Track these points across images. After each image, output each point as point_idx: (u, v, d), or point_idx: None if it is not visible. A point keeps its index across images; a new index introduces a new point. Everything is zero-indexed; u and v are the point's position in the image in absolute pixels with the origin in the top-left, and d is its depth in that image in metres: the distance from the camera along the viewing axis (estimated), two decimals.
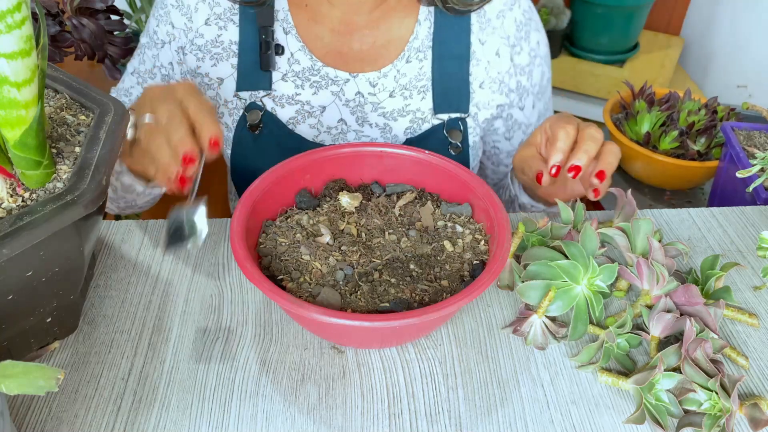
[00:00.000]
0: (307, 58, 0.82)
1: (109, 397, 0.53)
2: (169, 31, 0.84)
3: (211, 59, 0.84)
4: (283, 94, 0.83)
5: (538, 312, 0.57)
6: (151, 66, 0.87)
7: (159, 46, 0.86)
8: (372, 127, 0.85)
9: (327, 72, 0.82)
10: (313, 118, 0.84)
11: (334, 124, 0.85)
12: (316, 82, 0.83)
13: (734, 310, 0.61)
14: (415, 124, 0.84)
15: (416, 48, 0.82)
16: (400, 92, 0.83)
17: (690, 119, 1.27)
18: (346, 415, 0.52)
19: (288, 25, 0.82)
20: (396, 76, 0.83)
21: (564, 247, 0.59)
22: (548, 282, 0.57)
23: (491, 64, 0.84)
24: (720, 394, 0.51)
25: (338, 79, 0.83)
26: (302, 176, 0.64)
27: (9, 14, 0.41)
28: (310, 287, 0.54)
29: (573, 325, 0.57)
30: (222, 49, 0.84)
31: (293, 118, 0.84)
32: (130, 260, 0.65)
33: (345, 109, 0.84)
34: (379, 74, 0.83)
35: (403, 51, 0.82)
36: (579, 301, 0.57)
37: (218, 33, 0.83)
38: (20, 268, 0.45)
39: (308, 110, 0.84)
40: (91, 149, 0.50)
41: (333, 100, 0.83)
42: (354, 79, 0.83)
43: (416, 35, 0.82)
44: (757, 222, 0.74)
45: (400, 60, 0.82)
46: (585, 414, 0.53)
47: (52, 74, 0.57)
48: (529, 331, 0.58)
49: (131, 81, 0.89)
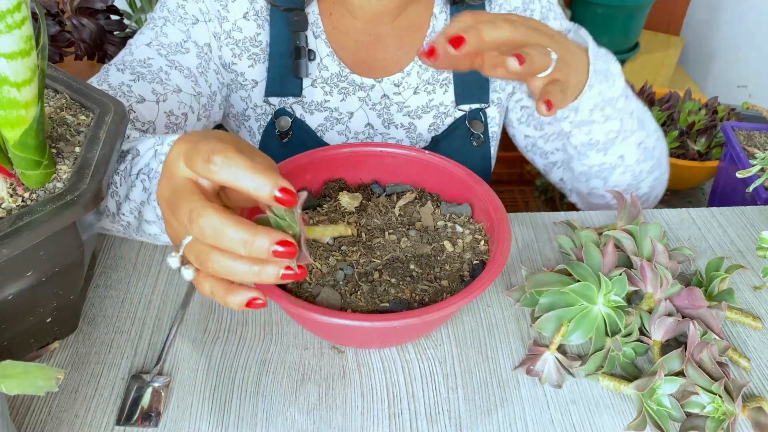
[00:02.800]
0: (335, 64, 0.81)
1: (109, 397, 0.53)
2: (202, 9, 0.77)
3: (249, 59, 0.80)
4: (313, 100, 0.82)
5: (551, 348, 0.55)
6: (180, 40, 0.76)
7: (189, 21, 0.77)
8: (398, 128, 0.85)
9: (354, 79, 0.82)
10: (341, 125, 0.84)
11: (361, 129, 0.84)
12: (344, 88, 0.82)
13: (737, 313, 0.61)
14: (438, 120, 0.85)
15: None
16: (424, 88, 0.84)
17: (690, 119, 1.27)
18: (346, 415, 0.52)
19: (318, 29, 0.81)
20: (419, 72, 0.83)
21: (569, 269, 0.58)
22: (566, 310, 0.56)
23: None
24: (723, 397, 0.51)
25: (364, 85, 0.83)
26: (302, 176, 0.64)
27: (9, 14, 0.41)
28: (310, 287, 0.54)
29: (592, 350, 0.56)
30: (260, 50, 0.80)
31: (322, 125, 0.83)
32: (130, 260, 0.65)
33: (372, 113, 0.84)
34: (402, 74, 0.83)
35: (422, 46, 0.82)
36: (599, 324, 0.56)
37: (257, 31, 0.80)
38: (20, 268, 0.45)
39: (337, 117, 0.83)
40: (91, 149, 0.50)
41: (360, 106, 0.83)
42: (379, 84, 0.83)
43: (433, 29, 0.83)
44: (757, 222, 0.74)
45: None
46: (585, 414, 0.53)
47: (52, 74, 0.57)
48: (543, 370, 0.55)
49: (148, 53, 0.75)
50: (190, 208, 0.40)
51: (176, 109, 0.75)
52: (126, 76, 0.72)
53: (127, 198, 0.57)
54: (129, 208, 0.58)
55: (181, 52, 0.77)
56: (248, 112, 0.84)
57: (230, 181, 0.40)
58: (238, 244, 0.39)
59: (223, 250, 0.40)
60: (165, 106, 0.73)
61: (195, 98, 0.77)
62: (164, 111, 0.73)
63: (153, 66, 0.74)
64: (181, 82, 0.75)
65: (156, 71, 0.74)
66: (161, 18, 0.78)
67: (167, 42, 0.76)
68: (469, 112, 0.86)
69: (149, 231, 0.58)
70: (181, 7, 0.77)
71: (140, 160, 0.58)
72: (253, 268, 0.40)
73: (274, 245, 0.39)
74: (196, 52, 0.78)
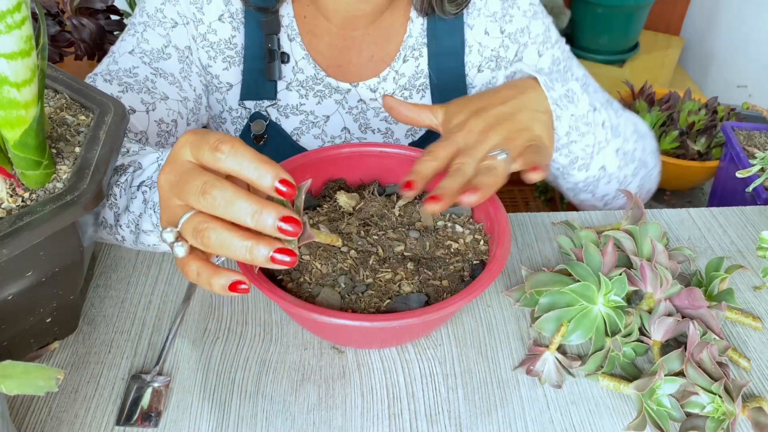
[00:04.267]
0: (311, 66, 0.81)
1: (109, 397, 0.53)
2: (180, 11, 0.77)
3: (224, 61, 0.80)
4: (288, 103, 0.82)
5: (550, 347, 0.55)
6: (160, 45, 0.77)
7: (168, 25, 0.77)
8: (374, 132, 0.84)
9: (330, 82, 0.82)
10: (317, 128, 0.83)
11: (337, 133, 0.84)
12: (319, 91, 0.82)
13: (738, 313, 0.61)
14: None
15: (411, 46, 0.82)
16: (400, 93, 0.83)
17: (690, 119, 1.27)
18: (346, 415, 0.52)
19: (293, 32, 0.80)
20: (395, 77, 0.83)
21: (569, 269, 0.58)
22: (566, 310, 0.56)
23: (483, 44, 0.83)
24: (723, 397, 0.51)
25: (340, 89, 0.82)
26: (302, 176, 0.64)
27: (9, 14, 0.41)
28: (310, 287, 0.54)
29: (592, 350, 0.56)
30: (235, 53, 0.80)
31: (297, 129, 0.83)
32: (130, 260, 0.65)
33: (348, 117, 0.83)
34: (378, 79, 0.82)
35: (399, 51, 0.82)
36: (599, 325, 0.55)
37: (232, 34, 0.79)
38: (20, 268, 0.45)
39: (312, 120, 0.83)
40: (91, 149, 0.50)
41: (336, 109, 0.83)
42: (355, 89, 0.82)
43: (410, 33, 0.82)
44: (757, 222, 0.74)
45: (397, 61, 0.82)
46: (585, 414, 0.53)
47: (52, 74, 0.57)
48: (543, 370, 0.55)
49: (132, 61, 0.75)
50: (203, 181, 0.41)
51: (166, 117, 0.75)
52: (114, 87, 0.73)
53: (127, 210, 0.58)
54: (127, 221, 0.58)
55: (163, 58, 0.77)
56: (224, 114, 0.84)
57: (235, 169, 0.41)
58: (247, 214, 0.40)
59: (222, 223, 0.41)
60: (155, 115, 0.74)
61: (182, 104, 0.78)
62: (154, 120, 0.74)
63: (139, 75, 0.75)
64: (167, 89, 0.76)
65: (142, 80, 0.74)
66: (141, 23, 0.78)
67: (149, 49, 0.76)
68: None
69: (147, 242, 0.59)
70: (159, 12, 0.77)
71: (143, 173, 0.58)
72: (246, 243, 0.41)
73: (279, 221, 0.40)
74: (177, 56, 0.78)
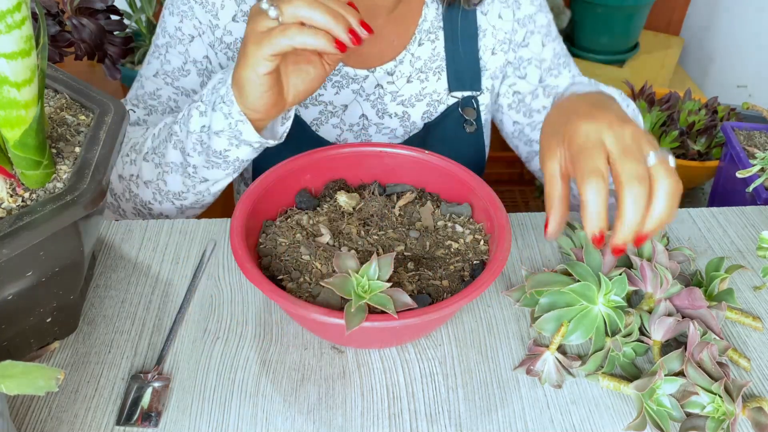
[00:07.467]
0: None
1: (109, 397, 0.53)
2: (196, 25, 0.80)
3: None
4: None
5: (550, 348, 0.55)
6: (180, 64, 0.82)
7: (186, 41, 0.81)
8: (391, 117, 0.86)
9: (347, 71, 0.83)
10: (336, 118, 0.85)
11: (356, 120, 0.85)
12: (337, 81, 0.83)
13: (738, 313, 0.61)
14: (431, 107, 0.86)
15: (426, 30, 0.84)
16: (417, 76, 0.85)
17: (690, 119, 1.27)
18: (346, 415, 0.52)
19: None
20: (411, 60, 0.84)
21: (569, 269, 0.58)
22: (566, 310, 0.56)
23: (496, 28, 0.85)
24: (723, 397, 0.50)
25: (358, 77, 0.83)
26: (302, 176, 0.64)
27: (9, 14, 0.41)
28: (310, 287, 0.54)
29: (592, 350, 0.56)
30: None
31: (317, 119, 0.84)
32: (130, 260, 0.65)
33: (366, 104, 0.85)
34: (395, 62, 0.84)
35: (414, 35, 0.83)
36: (599, 325, 0.55)
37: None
38: (20, 268, 0.45)
39: (331, 110, 0.84)
40: (91, 149, 0.50)
41: (354, 98, 0.84)
42: (372, 74, 0.83)
43: (425, 17, 0.83)
44: (757, 222, 0.74)
45: (413, 44, 0.84)
46: (585, 414, 0.53)
47: (52, 74, 0.57)
48: (543, 370, 0.55)
49: (156, 83, 0.82)
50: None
51: None
52: (141, 111, 0.80)
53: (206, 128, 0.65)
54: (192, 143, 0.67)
55: (183, 75, 0.82)
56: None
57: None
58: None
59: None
60: None
61: None
62: None
63: (162, 97, 0.82)
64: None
65: (165, 101, 0.81)
66: (164, 45, 0.82)
67: (170, 69, 0.82)
68: (462, 100, 0.86)
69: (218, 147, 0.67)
70: (178, 30, 0.81)
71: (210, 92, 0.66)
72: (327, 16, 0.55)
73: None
74: (195, 71, 0.82)
